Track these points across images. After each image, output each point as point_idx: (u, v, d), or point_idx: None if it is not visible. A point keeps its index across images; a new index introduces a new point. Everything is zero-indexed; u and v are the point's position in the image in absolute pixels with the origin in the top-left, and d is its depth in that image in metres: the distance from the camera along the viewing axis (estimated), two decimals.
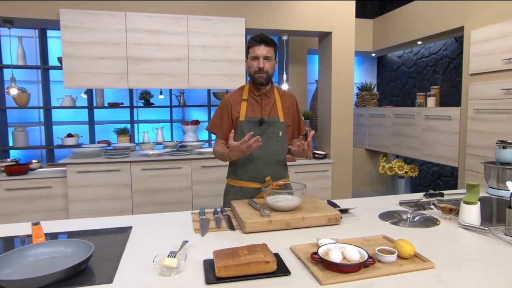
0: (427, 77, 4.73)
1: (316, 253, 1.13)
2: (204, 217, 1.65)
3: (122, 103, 4.32)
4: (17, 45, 3.96)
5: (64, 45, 3.35)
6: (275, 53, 1.95)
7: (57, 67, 4.05)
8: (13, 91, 3.52)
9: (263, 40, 1.88)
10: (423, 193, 2.06)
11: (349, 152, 4.14)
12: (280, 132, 1.96)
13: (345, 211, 1.74)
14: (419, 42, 4.52)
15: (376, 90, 5.62)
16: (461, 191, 2.12)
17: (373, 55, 5.54)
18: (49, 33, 4.20)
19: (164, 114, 4.70)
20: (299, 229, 1.51)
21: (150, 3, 3.56)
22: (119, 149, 3.76)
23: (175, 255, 1.15)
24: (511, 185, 1.52)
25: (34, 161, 3.63)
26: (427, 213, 1.73)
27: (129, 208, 3.49)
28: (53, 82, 4.25)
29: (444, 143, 3.70)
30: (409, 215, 1.67)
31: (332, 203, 1.82)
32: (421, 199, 1.96)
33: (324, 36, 4.16)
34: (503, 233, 1.42)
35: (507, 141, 2.07)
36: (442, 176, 4.61)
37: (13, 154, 4.26)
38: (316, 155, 4.03)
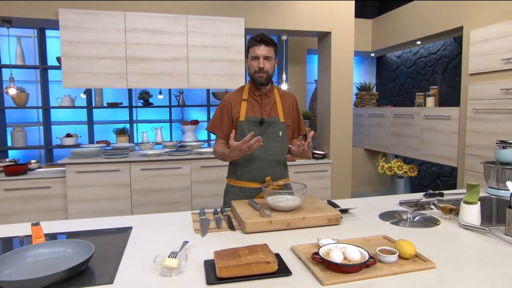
0: (426, 77, 4.74)
1: (317, 253, 1.13)
2: (204, 217, 1.64)
3: (121, 103, 4.32)
4: (15, 45, 3.95)
5: (63, 45, 3.35)
6: (275, 53, 1.95)
7: (56, 67, 4.04)
8: (11, 91, 3.51)
9: (263, 40, 1.88)
10: (423, 193, 2.06)
11: (348, 152, 4.14)
12: (280, 132, 1.96)
13: (345, 211, 1.74)
14: (418, 42, 4.52)
15: (375, 90, 5.62)
16: (461, 191, 2.12)
17: (372, 55, 5.55)
18: (48, 33, 4.19)
19: (163, 114, 4.69)
20: (299, 229, 1.51)
21: (149, 3, 3.55)
22: (118, 149, 3.75)
23: (175, 256, 1.15)
24: (511, 185, 1.52)
25: (33, 161, 3.61)
26: (427, 213, 1.73)
27: (128, 208, 3.48)
28: (52, 82, 4.24)
29: (443, 143, 3.70)
30: (409, 215, 1.68)
31: (332, 203, 1.82)
32: (421, 199, 1.96)
33: (324, 36, 4.16)
34: (503, 233, 1.42)
35: (506, 141, 2.07)
36: (441, 176, 4.62)
37: (11, 154, 4.25)
38: (316, 155, 4.03)
